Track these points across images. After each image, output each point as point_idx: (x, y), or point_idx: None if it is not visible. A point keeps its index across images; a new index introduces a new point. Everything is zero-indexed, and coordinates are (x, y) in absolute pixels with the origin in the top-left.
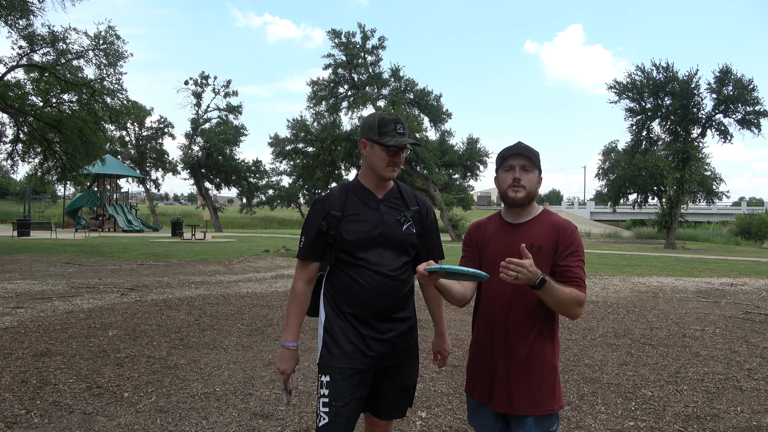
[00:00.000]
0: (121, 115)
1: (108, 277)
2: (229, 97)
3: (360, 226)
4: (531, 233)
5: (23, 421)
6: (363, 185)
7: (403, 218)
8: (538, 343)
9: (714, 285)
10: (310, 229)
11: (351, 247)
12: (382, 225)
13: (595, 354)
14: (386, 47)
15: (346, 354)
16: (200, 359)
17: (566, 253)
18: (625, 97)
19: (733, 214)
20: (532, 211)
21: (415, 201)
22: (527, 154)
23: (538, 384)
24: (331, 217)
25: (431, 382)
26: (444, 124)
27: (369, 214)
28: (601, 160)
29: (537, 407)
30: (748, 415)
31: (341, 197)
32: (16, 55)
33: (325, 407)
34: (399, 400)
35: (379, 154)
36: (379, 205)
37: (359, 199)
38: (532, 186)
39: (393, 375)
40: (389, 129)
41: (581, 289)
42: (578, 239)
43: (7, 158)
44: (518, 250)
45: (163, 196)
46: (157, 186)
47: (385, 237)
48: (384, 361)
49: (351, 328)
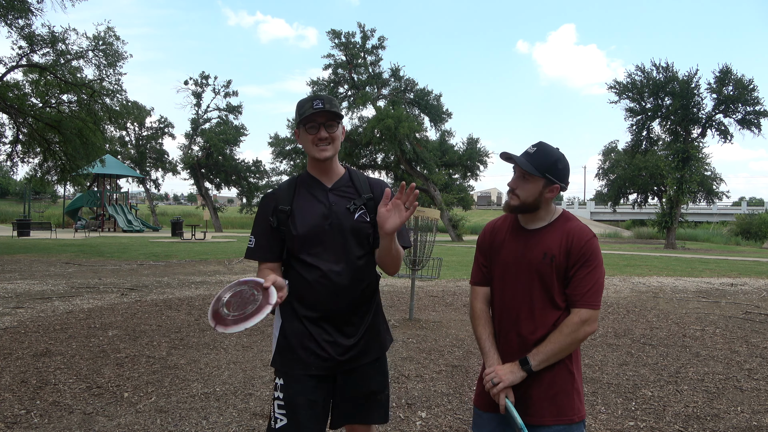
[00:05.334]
0: (120, 115)
1: (108, 277)
2: (229, 97)
3: (307, 218)
4: (545, 241)
5: (23, 421)
6: (311, 175)
7: (353, 206)
8: None
9: (714, 285)
10: (258, 227)
11: (301, 243)
12: (331, 215)
13: (595, 354)
14: (386, 47)
15: (300, 359)
16: (200, 359)
17: (577, 265)
18: (625, 97)
19: (733, 214)
20: (547, 216)
21: (369, 188)
22: (521, 166)
23: (554, 392)
24: (280, 212)
25: (431, 382)
26: (444, 123)
27: (316, 205)
28: (601, 160)
29: (555, 416)
30: (748, 415)
31: (289, 190)
32: (15, 55)
33: (281, 409)
34: (369, 405)
35: (304, 137)
36: (327, 195)
37: (307, 191)
38: (528, 196)
39: (357, 379)
40: (306, 108)
41: (588, 304)
42: (592, 248)
43: (7, 159)
44: (530, 260)
45: (163, 196)
46: (157, 186)
47: (335, 227)
48: (344, 366)
49: (305, 331)
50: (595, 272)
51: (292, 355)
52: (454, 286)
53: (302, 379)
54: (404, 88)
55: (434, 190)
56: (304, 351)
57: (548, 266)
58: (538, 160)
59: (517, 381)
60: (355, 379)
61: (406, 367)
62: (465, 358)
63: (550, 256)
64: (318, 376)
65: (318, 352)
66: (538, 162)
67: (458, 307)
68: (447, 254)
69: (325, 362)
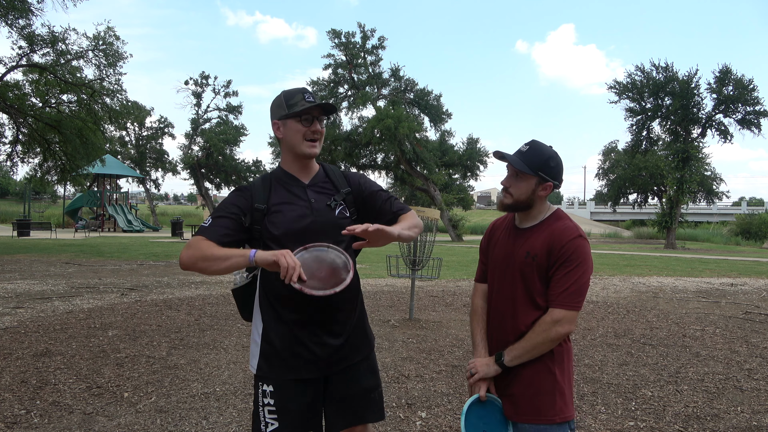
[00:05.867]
0: (120, 115)
1: (108, 277)
2: (229, 97)
3: (287, 217)
4: (531, 241)
5: (23, 421)
6: (286, 171)
7: (333, 202)
8: None
9: (714, 285)
10: (221, 211)
11: (282, 242)
12: (312, 213)
13: (595, 354)
14: (386, 47)
15: (289, 365)
16: (200, 359)
17: (557, 264)
18: (625, 97)
19: (733, 214)
20: (539, 214)
21: (346, 182)
22: (514, 165)
23: (533, 392)
24: (255, 211)
25: (431, 382)
26: (444, 124)
27: (296, 202)
28: (601, 160)
29: (534, 415)
30: (748, 415)
31: (265, 188)
32: (15, 55)
33: (272, 414)
34: (364, 404)
35: (293, 128)
36: (306, 192)
37: (284, 188)
38: (522, 195)
39: (349, 378)
40: (297, 99)
41: (563, 304)
42: (574, 247)
43: (7, 159)
44: (515, 258)
45: (163, 196)
46: (157, 186)
47: (317, 225)
48: (335, 366)
49: (291, 334)
50: (574, 272)
51: (280, 361)
52: (454, 286)
53: (293, 384)
54: (404, 88)
55: (434, 190)
56: (292, 356)
57: (530, 265)
58: (530, 158)
59: (491, 374)
60: (348, 379)
61: (406, 367)
62: (465, 358)
63: (532, 256)
64: (308, 379)
65: (307, 355)
66: (531, 160)
67: (458, 307)
68: (447, 254)
69: (315, 365)
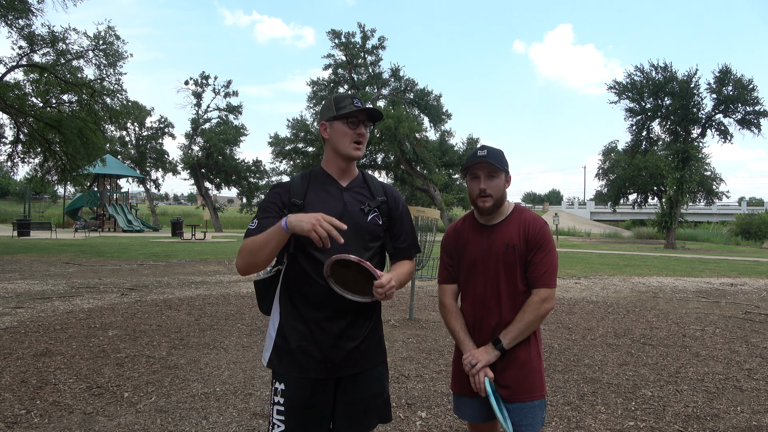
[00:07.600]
0: (120, 115)
1: (108, 277)
2: (229, 97)
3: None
4: (505, 234)
5: (23, 421)
6: (326, 172)
7: (367, 208)
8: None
9: (714, 285)
10: (264, 212)
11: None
12: (345, 215)
13: (595, 354)
14: (386, 47)
15: (301, 363)
16: (200, 359)
17: (535, 249)
18: (625, 97)
19: (733, 214)
20: (504, 210)
21: (382, 191)
22: (490, 160)
23: (526, 372)
24: (292, 206)
25: (431, 382)
26: (444, 124)
27: (331, 202)
28: (601, 160)
29: (528, 393)
30: (748, 415)
31: (303, 185)
32: (16, 55)
33: (280, 415)
34: (373, 409)
35: (340, 130)
36: (342, 194)
37: (321, 188)
38: (499, 192)
39: (360, 383)
40: (346, 103)
41: (546, 284)
42: (545, 233)
43: (7, 159)
44: (495, 252)
45: (163, 196)
46: (157, 186)
47: (349, 227)
48: (344, 369)
49: (307, 332)
50: (549, 255)
51: (292, 357)
52: None
53: (303, 383)
54: (404, 88)
55: (434, 190)
56: (304, 354)
57: (512, 255)
58: (495, 157)
59: (492, 360)
60: (359, 384)
61: (406, 367)
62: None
63: (512, 246)
64: (319, 379)
65: (318, 355)
66: (496, 158)
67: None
68: None
69: (324, 365)
